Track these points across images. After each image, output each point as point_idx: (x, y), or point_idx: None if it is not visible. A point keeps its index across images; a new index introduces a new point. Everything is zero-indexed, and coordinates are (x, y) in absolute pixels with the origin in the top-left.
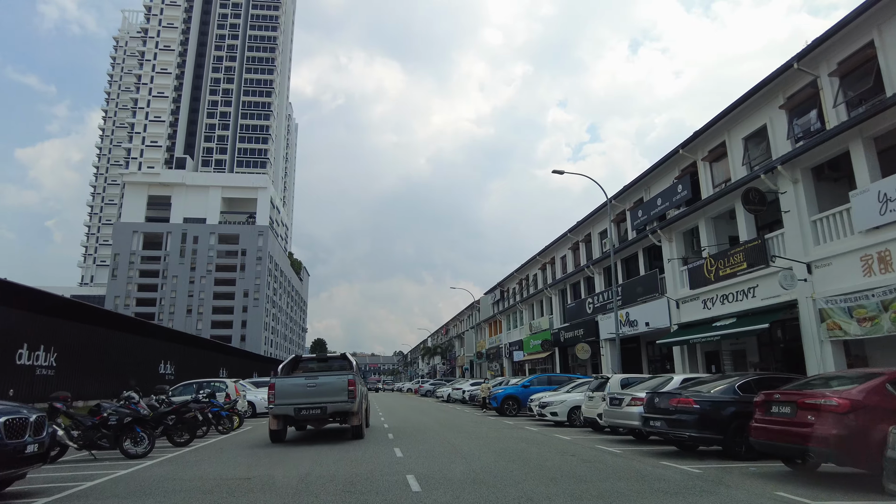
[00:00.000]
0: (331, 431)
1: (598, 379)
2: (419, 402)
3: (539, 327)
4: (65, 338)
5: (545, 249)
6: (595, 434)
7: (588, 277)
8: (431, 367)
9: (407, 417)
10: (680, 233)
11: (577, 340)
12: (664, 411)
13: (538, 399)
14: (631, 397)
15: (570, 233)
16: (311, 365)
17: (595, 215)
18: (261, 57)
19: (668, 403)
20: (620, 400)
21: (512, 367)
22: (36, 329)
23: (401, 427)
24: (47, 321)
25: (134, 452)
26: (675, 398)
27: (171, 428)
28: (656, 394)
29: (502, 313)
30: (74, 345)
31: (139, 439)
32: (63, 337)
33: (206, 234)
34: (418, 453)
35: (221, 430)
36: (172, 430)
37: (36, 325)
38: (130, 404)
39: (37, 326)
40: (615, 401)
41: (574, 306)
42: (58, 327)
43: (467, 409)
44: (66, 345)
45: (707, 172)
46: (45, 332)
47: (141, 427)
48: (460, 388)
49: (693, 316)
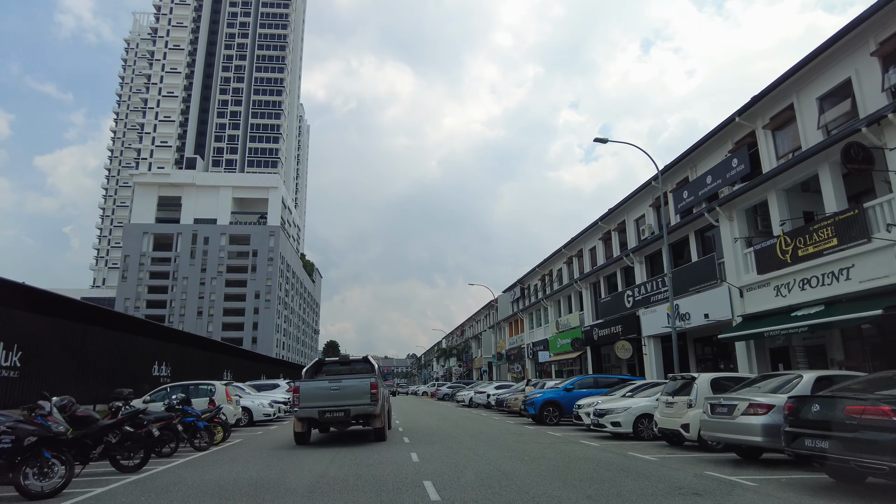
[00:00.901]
0: (351, 436)
1: (677, 379)
2: (438, 406)
3: (567, 325)
4: (30, 334)
5: (571, 242)
6: (681, 451)
7: (626, 268)
8: (447, 369)
9: (429, 426)
10: (742, 210)
11: (613, 338)
12: (832, 426)
13: (589, 405)
14: (748, 403)
15: (601, 221)
16: (334, 368)
17: (630, 200)
18: (271, 55)
19: (842, 414)
20: (730, 407)
21: (535, 369)
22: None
23: (423, 438)
24: (4, 313)
25: (38, 490)
26: (854, 406)
27: (114, 447)
28: (814, 399)
29: (524, 311)
30: (43, 342)
31: (47, 469)
32: (28, 333)
33: (216, 234)
34: (456, 483)
35: (197, 446)
36: (117, 450)
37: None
38: (36, 416)
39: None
40: (721, 408)
41: (609, 300)
42: (22, 321)
43: (496, 415)
44: (32, 342)
45: (769, 142)
46: (2, 326)
47: (52, 450)
48: (484, 392)
49: (762, 305)
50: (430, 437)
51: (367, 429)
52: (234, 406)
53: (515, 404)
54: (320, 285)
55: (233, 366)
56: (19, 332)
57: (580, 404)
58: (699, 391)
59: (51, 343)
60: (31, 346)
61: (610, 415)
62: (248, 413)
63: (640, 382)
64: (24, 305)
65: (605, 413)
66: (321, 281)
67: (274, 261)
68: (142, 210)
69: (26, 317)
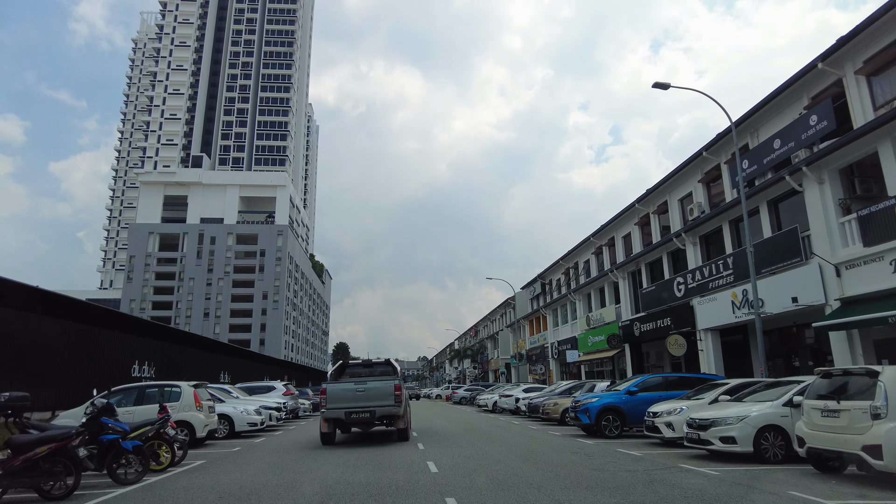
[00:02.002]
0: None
1: (831, 375)
2: (457, 412)
3: (601, 320)
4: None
5: (602, 230)
6: (858, 484)
7: (675, 252)
8: (460, 371)
9: (456, 438)
10: (835, 171)
11: (659, 333)
12: None
13: (669, 412)
14: None
15: (638, 203)
16: (357, 370)
17: (674, 177)
18: (279, 52)
19: None
20: None
21: (561, 370)
22: None
23: (457, 464)
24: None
25: None
26: None
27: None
28: None
29: (547, 307)
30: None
31: None
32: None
33: (223, 234)
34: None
35: (122, 478)
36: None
37: None
38: None
39: None
40: None
41: (653, 290)
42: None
43: (531, 424)
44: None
45: (862, 89)
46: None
47: None
48: (511, 395)
49: (870, 285)
50: (464, 461)
51: (391, 429)
52: (205, 414)
53: (556, 410)
54: (330, 287)
55: (234, 367)
56: None
57: (655, 411)
58: (891, 393)
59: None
60: None
61: (717, 427)
62: (227, 422)
63: (735, 382)
64: None
65: (708, 424)
66: (331, 282)
67: (282, 261)
68: (147, 210)
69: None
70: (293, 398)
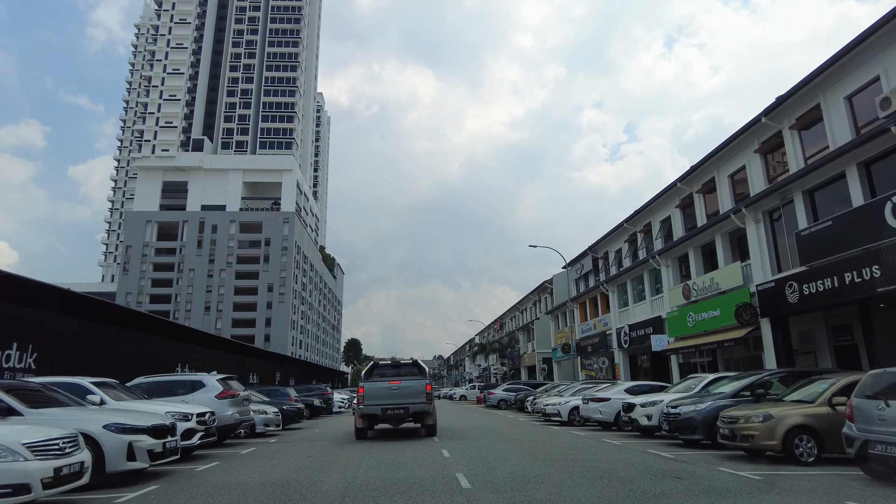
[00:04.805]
0: None
1: None
2: (509, 423)
3: (712, 288)
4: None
5: (690, 172)
6: None
7: (867, 161)
8: (483, 369)
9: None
10: None
11: (838, 295)
12: None
13: None
14: None
15: (766, 117)
16: (385, 371)
17: (813, 82)
18: (285, 29)
19: None
20: None
21: (631, 364)
22: None
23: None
24: None
25: None
26: None
27: None
28: None
29: (609, 282)
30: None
31: None
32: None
33: (225, 222)
34: None
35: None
36: None
37: None
38: None
39: None
40: None
41: (830, 226)
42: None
43: (683, 452)
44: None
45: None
46: None
47: None
48: (606, 399)
49: None
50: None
51: (417, 426)
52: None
53: (750, 431)
54: (342, 282)
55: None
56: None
57: None
58: None
59: None
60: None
61: None
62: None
63: None
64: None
65: None
66: (343, 278)
67: (289, 250)
68: (145, 197)
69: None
70: (236, 402)
